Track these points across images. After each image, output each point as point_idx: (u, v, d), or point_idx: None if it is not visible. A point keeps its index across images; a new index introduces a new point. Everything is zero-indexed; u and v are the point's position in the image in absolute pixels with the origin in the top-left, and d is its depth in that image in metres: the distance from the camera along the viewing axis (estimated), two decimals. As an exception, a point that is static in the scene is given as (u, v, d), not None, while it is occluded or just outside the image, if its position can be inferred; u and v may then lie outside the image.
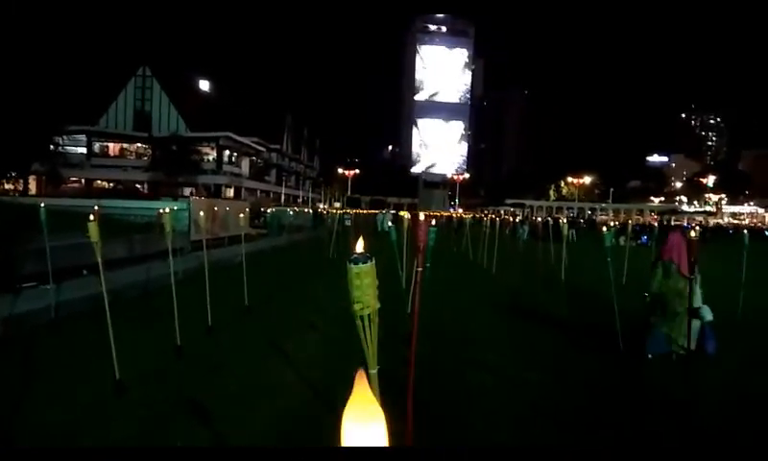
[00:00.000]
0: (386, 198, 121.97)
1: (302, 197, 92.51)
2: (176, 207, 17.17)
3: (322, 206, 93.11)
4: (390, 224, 10.59)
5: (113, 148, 68.62)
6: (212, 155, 66.19)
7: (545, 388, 6.04)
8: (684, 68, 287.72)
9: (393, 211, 64.88)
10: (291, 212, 35.25)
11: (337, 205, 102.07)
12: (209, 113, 70.15)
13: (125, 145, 68.86)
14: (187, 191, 59.67)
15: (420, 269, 3.37)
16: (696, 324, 6.72)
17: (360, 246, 1.58)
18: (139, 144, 68.02)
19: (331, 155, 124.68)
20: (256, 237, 25.06)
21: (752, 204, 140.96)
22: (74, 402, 5.08)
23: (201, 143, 65.02)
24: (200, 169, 62.53)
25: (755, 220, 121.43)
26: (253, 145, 73.12)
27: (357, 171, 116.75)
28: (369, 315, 1.57)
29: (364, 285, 1.54)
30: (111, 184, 62.70)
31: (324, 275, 14.69)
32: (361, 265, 1.52)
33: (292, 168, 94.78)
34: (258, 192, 72.99)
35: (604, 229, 8.40)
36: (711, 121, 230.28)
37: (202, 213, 11.63)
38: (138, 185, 62.27)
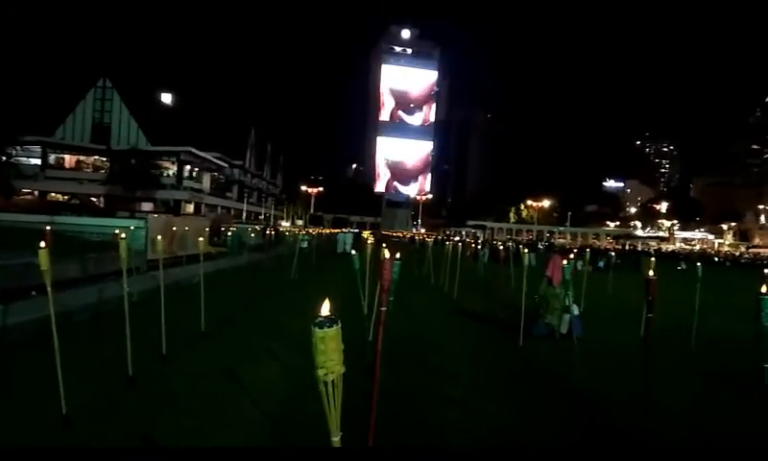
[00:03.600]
0: (349, 216, 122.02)
1: (265, 214, 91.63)
2: (132, 227, 16.69)
3: (284, 223, 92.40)
4: (353, 251, 10.45)
5: (69, 160, 66.72)
6: (172, 169, 65.03)
7: (509, 422, 6.02)
8: (640, 97, 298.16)
9: (355, 230, 64.85)
10: (251, 231, 34.76)
11: (300, 222, 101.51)
12: (171, 127, 68.99)
13: (82, 157, 67.02)
14: (146, 206, 58.39)
15: (383, 309, 3.30)
16: (567, 316, 10.21)
17: (326, 308, 1.51)
18: (97, 157, 66.34)
19: (295, 172, 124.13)
20: (216, 256, 24.56)
21: (702, 230, 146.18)
22: (13, 441, 4.79)
23: (161, 157, 63.85)
24: (159, 184, 61.34)
25: (705, 245, 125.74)
26: (215, 160, 72.21)
27: (321, 189, 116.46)
28: (333, 381, 1.51)
29: (329, 350, 1.47)
30: (66, 197, 60.83)
31: (285, 297, 14.48)
32: (326, 329, 1.45)
33: (254, 185, 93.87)
34: (219, 208, 71.96)
35: (565, 262, 8.53)
36: (665, 149, 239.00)
37: (159, 235, 11.30)
38: (94, 199, 60.60)
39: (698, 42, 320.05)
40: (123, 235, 7.09)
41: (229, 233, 30.31)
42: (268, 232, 40.15)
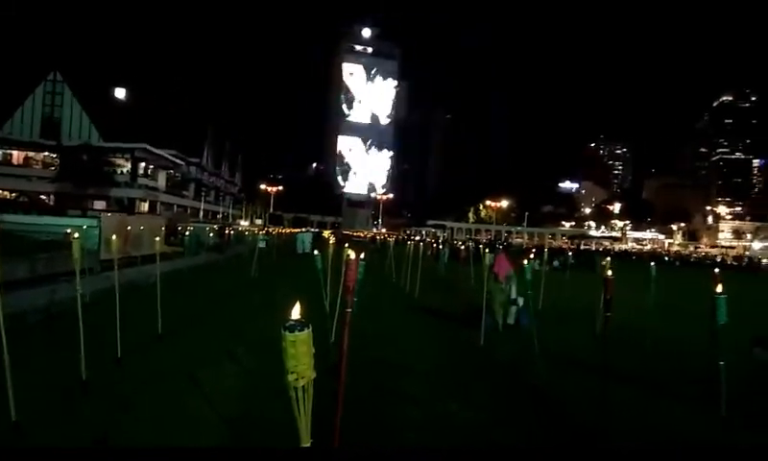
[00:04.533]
0: (309, 216, 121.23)
1: (223, 213, 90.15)
2: (85, 226, 16.16)
3: (243, 222, 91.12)
4: (316, 252, 10.36)
5: (17, 156, 64.03)
6: (127, 167, 63.22)
7: (471, 420, 6.07)
8: (595, 101, 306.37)
9: (315, 230, 64.46)
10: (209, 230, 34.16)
11: (259, 222, 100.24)
12: (125, 123, 67.05)
13: (30, 153, 64.40)
14: (98, 204, 56.65)
15: (349, 310, 3.28)
16: (514, 308, 11.32)
17: (296, 312, 1.48)
18: (46, 153, 63.88)
19: (254, 170, 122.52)
20: (173, 256, 24.02)
21: (653, 230, 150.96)
22: (-41, 449, 4.56)
23: (114, 154, 62.01)
24: (112, 181, 59.59)
25: (656, 245, 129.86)
26: (172, 158, 70.57)
27: (280, 188, 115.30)
28: (303, 386, 1.47)
29: (299, 354, 1.43)
30: (14, 195, 58.43)
31: (244, 298, 14.27)
32: (297, 333, 1.42)
33: (212, 183, 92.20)
34: (175, 207, 70.41)
35: (525, 262, 8.68)
36: (618, 151, 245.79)
37: (113, 234, 10.97)
38: (44, 197, 58.42)
39: (650, 49, 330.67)
40: (76, 235, 6.84)
41: (187, 233, 29.68)
42: (226, 232, 39.50)
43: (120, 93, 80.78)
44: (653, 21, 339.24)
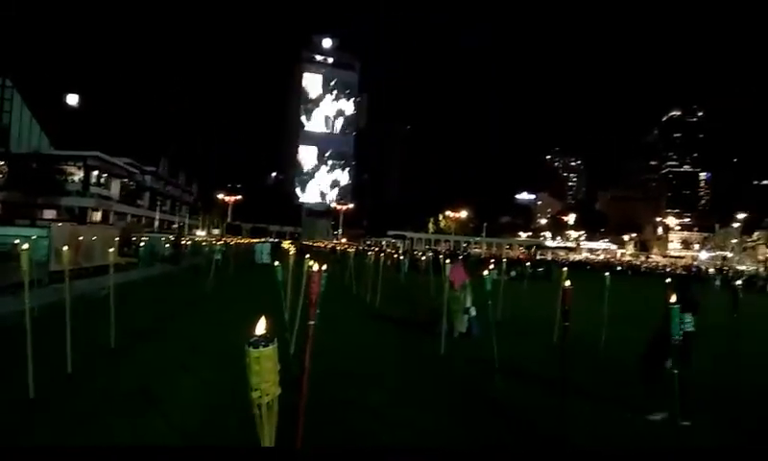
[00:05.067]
0: (268, 226, 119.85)
1: (179, 223, 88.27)
2: (35, 236, 15.57)
3: (200, 233, 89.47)
4: (276, 262, 10.22)
5: (-37, 164, 61.31)
6: (79, 175, 61.25)
7: (433, 430, 6.07)
8: (550, 114, 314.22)
9: (274, 240, 63.73)
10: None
11: (216, 232, 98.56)
12: (77, 130, 65.01)
13: (-23, 162, 61.75)
14: (48, 214, 54.68)
15: (311, 322, 3.24)
16: (466, 317, 11.68)
17: (261, 326, 1.44)
18: (-5, 161, 61.35)
19: (212, 179, 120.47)
20: (126, 267, 23.36)
21: (606, 240, 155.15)
22: None
23: (66, 162, 60.01)
24: (63, 190, 57.62)
25: (608, 255, 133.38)
26: (126, 166, 68.80)
27: (239, 197, 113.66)
28: (267, 403, 1.43)
29: (264, 371, 1.40)
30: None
31: (201, 310, 13.98)
32: (262, 349, 1.38)
33: (168, 192, 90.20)
34: (129, 217, 68.57)
35: (485, 273, 8.77)
36: (572, 163, 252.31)
37: (64, 243, 10.59)
38: (-9, 206, 56.05)
39: (603, 65, 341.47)
40: (25, 246, 6.57)
41: (141, 243, 28.91)
42: (182, 243, 38.69)
43: (72, 99, 78.45)
44: (605, 39, 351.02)
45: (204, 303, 15.27)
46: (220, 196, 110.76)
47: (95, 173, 63.24)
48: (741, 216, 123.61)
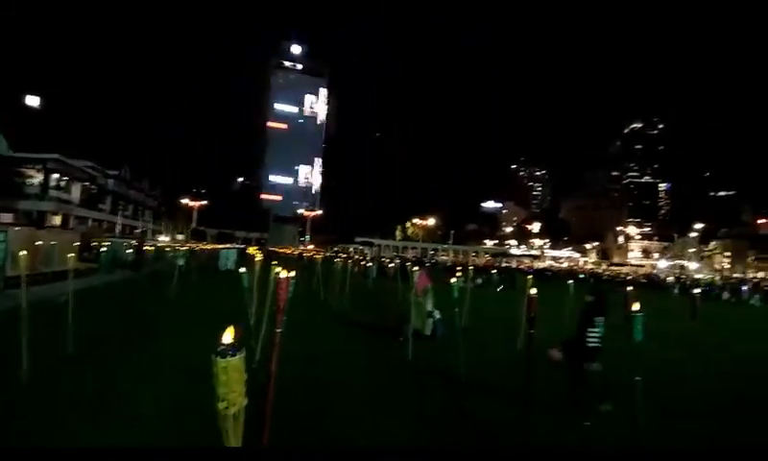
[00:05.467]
0: (234, 232, 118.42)
1: (142, 228, 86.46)
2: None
3: (163, 238, 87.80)
4: (242, 269, 10.08)
5: None
6: (38, 178, 59.43)
7: (403, 436, 6.04)
8: (516, 124, 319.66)
9: (240, 246, 62.91)
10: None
11: (180, 237, 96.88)
12: (37, 132, 63.14)
13: (-69, 163, 59.33)
14: (5, 217, 52.89)
15: (278, 330, 3.18)
16: (430, 320, 12.25)
17: (229, 336, 1.39)
18: (-51, 163, 59.06)
19: (176, 184, 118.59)
20: (86, 273, 22.73)
21: (569, 249, 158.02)
22: None
23: (24, 165, 58.18)
24: (22, 193, 55.85)
25: (572, 263, 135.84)
26: (88, 170, 67.10)
27: (204, 202, 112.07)
28: (234, 414, 1.38)
29: (231, 381, 1.35)
30: None
31: (163, 316, 13.68)
32: (229, 358, 1.33)
33: (131, 196, 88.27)
34: (90, 221, 66.83)
35: (453, 280, 8.81)
36: (537, 173, 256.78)
37: (22, 248, 10.25)
38: (-57, 210, 53.89)
39: (568, 76, 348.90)
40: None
41: (102, 249, 28.19)
42: (145, 248, 37.85)
43: (33, 101, 76.20)
44: (570, 52, 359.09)
45: (166, 310, 14.94)
46: (185, 201, 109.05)
47: (55, 176, 61.48)
48: (699, 226, 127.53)
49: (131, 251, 31.89)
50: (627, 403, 6.90)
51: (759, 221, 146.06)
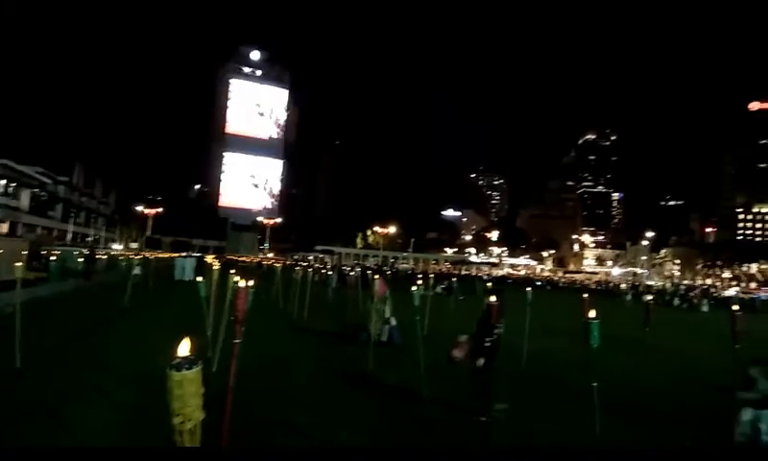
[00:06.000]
0: (191, 240, 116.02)
1: (94, 236, 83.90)
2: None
3: (116, 246, 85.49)
4: (199, 278, 9.86)
5: None
6: (-15, 184, 57.10)
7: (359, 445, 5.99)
8: (474, 135, 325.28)
9: (197, 255, 61.69)
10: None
11: (134, 246, 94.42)
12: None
13: None
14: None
15: (237, 341, 3.11)
16: (387, 326, 12.40)
17: (185, 348, 1.34)
18: None
19: (130, 191, 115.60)
20: (35, 282, 21.86)
21: (527, 256, 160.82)
22: None
23: (-30, 171, 55.85)
24: (-34, 200, 53.59)
25: (529, 271, 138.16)
26: (37, 176, 64.79)
27: (159, 209, 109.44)
28: (190, 429, 1.33)
29: (186, 395, 1.29)
30: None
31: (116, 328, 13.28)
32: (184, 371, 1.28)
33: (83, 203, 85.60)
34: (39, 229, 64.52)
35: (413, 288, 8.83)
36: (496, 182, 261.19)
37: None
38: None
39: (524, 88, 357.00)
40: None
41: (52, 257, 27.19)
42: (98, 257, 36.69)
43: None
44: (528, 65, 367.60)
45: (119, 322, 14.50)
46: (139, 208, 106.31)
47: (2, 182, 59.15)
48: (650, 234, 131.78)
49: (82, 260, 30.84)
50: (584, 408, 7.02)
51: (707, 230, 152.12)
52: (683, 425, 7.60)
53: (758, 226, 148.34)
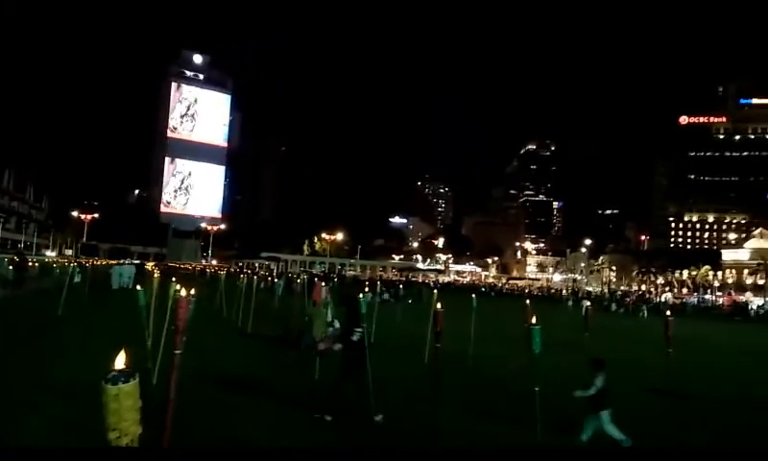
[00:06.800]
0: (130, 246, 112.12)
1: (25, 242, 79.91)
2: None
3: (50, 253, 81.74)
4: (138, 287, 9.54)
5: None
6: None
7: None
8: (419, 144, 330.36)
9: (136, 262, 59.73)
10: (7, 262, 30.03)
11: (69, 252, 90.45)
12: None
13: None
14: None
15: (177, 352, 3.02)
16: (330, 329, 11.55)
17: (121, 360, 1.28)
18: None
19: (65, 195, 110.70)
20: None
21: (472, 263, 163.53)
22: None
23: None
24: None
25: (474, 277, 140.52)
26: (-38, 179, 61.32)
27: (96, 215, 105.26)
28: (127, 444, 1.27)
29: (123, 409, 1.23)
30: None
31: (50, 339, 12.67)
32: (121, 385, 1.22)
33: (13, 208, 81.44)
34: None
35: (360, 296, 8.82)
36: (441, 190, 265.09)
37: None
38: None
39: (467, 98, 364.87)
40: None
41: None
42: (29, 264, 34.98)
43: None
44: (472, 74, 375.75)
45: (53, 332, 13.83)
46: (75, 213, 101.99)
47: None
48: (588, 242, 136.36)
49: (11, 267, 29.33)
50: (526, 412, 7.17)
51: (641, 237, 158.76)
52: (618, 426, 7.87)
53: (689, 234, 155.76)
